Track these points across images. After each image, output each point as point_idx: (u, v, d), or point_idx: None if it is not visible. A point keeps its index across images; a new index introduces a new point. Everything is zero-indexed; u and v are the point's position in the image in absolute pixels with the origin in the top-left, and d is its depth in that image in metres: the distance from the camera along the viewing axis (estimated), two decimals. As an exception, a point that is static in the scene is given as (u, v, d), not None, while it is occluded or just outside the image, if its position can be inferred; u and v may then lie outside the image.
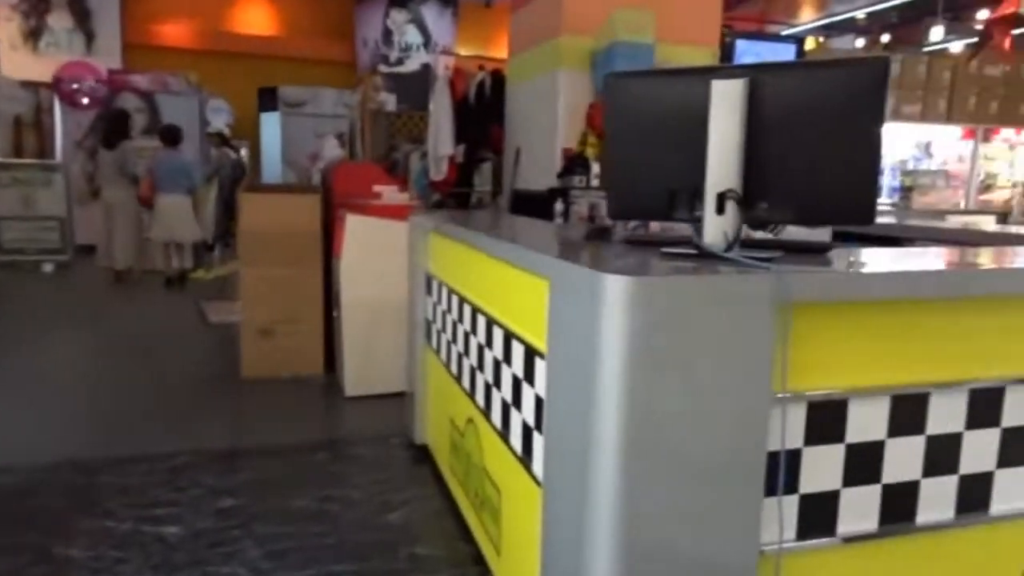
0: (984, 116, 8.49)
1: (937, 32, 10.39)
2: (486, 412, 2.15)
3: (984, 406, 1.52)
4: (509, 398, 1.92)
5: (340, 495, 2.77)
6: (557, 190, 4.24)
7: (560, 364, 1.48)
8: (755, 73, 1.44)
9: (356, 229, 3.93)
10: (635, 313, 1.21)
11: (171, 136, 7.20)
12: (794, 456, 1.40)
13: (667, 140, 1.58)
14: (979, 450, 1.53)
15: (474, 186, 6.06)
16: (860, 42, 12.33)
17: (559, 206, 4.08)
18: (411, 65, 11.47)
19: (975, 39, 8.36)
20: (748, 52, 5.69)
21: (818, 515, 1.44)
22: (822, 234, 3.50)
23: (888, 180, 8.31)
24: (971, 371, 1.50)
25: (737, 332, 1.27)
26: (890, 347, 1.45)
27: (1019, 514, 1.57)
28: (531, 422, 1.75)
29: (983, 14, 8.99)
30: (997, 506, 1.56)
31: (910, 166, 8.26)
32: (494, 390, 2.06)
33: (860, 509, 1.47)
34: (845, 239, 3.59)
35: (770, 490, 1.36)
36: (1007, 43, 7.05)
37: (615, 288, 1.23)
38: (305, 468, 3.04)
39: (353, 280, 3.90)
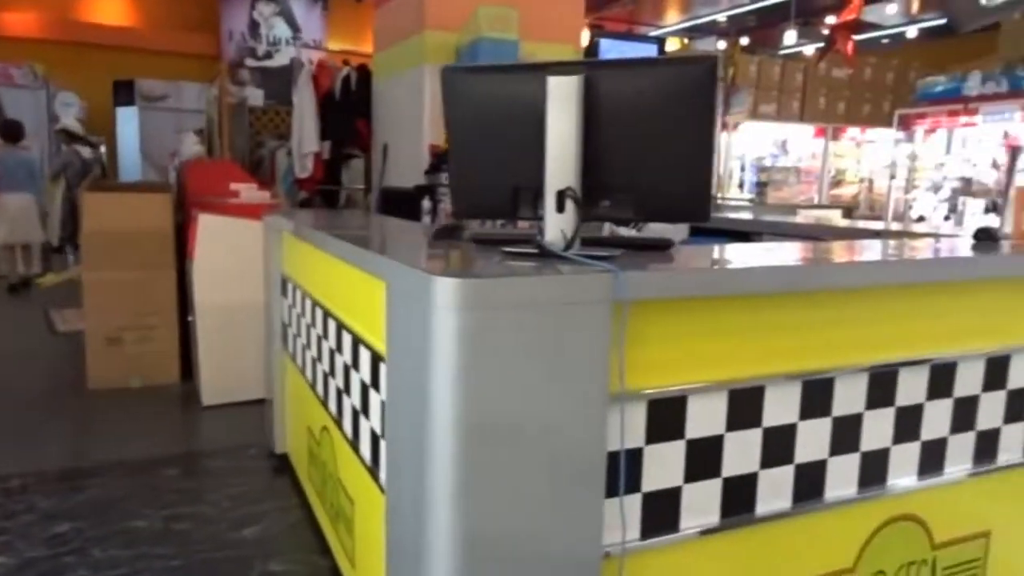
0: (833, 116, 9.13)
1: (790, 36, 11.08)
2: (338, 420, 2.04)
3: (816, 397, 1.56)
4: (358, 405, 1.82)
5: (191, 512, 2.57)
6: (424, 187, 4.14)
7: (398, 369, 1.41)
8: (589, 70, 1.41)
9: (210, 229, 3.69)
10: (465, 315, 1.15)
11: (12, 132, 6.69)
12: (635, 455, 1.39)
13: (508, 137, 1.53)
14: (813, 440, 1.58)
15: (342, 184, 5.85)
16: (722, 44, 12.97)
17: (427, 204, 3.99)
18: (280, 59, 11.02)
19: (823, 43, 8.97)
20: (612, 51, 5.81)
21: (661, 512, 1.44)
22: (680, 230, 3.62)
23: (749, 176, 8.78)
24: (804, 363, 1.55)
25: (572, 332, 1.23)
26: (727, 342, 1.47)
27: (851, 499, 1.64)
28: (378, 430, 1.66)
29: (831, 19, 9.66)
30: (830, 492, 1.62)
31: (768, 163, 8.75)
32: (345, 397, 1.96)
33: (702, 504, 1.48)
34: (701, 235, 3.73)
35: (612, 490, 1.34)
36: (849, 47, 7.62)
37: (444, 290, 1.16)
38: (153, 485, 2.81)
39: (208, 283, 3.65)
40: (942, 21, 10.60)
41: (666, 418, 1.41)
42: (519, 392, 1.21)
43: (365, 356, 1.74)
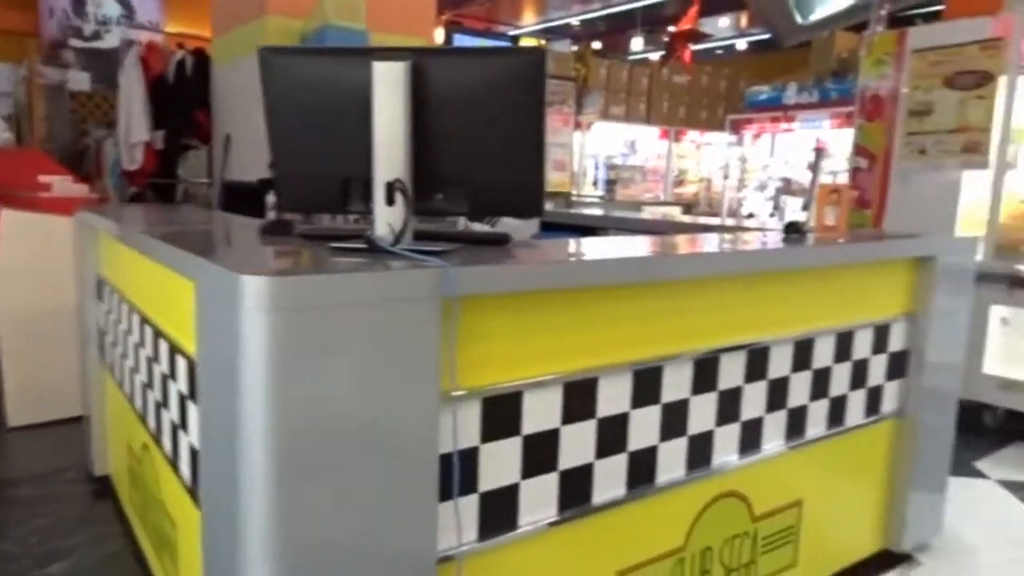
0: (675, 119, 9.68)
1: (637, 43, 11.64)
2: (158, 436, 1.87)
3: (647, 385, 1.61)
4: (177, 418, 1.67)
5: (-13, 552, 2.26)
6: (269, 181, 3.91)
7: (208, 376, 1.29)
8: (418, 57, 1.36)
9: (15, 227, 3.28)
10: (276, 316, 1.07)
11: None
12: (470, 455, 1.36)
13: (335, 126, 1.45)
14: (645, 427, 1.63)
15: (178, 177, 5.43)
16: (576, 47, 13.40)
17: (271, 198, 3.76)
18: (111, 41, 10.06)
19: (665, 51, 9.47)
20: (464, 47, 5.80)
21: (499, 511, 1.42)
22: (531, 225, 3.67)
23: (601, 174, 9.11)
24: (635, 354, 1.59)
25: (399, 331, 1.18)
26: (562, 335, 1.47)
27: (680, 481, 1.71)
28: (197, 444, 1.53)
29: (673, 28, 10.23)
30: (662, 476, 1.68)
31: (618, 161, 9.12)
32: (163, 410, 1.79)
33: (540, 499, 1.48)
34: (552, 230, 3.80)
35: (447, 493, 1.31)
36: (687, 56, 8.11)
37: (253, 289, 1.07)
38: (-60, 525, 2.44)
39: (12, 287, 3.25)
40: (767, 36, 11.53)
41: (502, 415, 1.40)
42: (341, 396, 1.14)
43: (182, 365, 1.59)
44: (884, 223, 4.16)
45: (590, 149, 8.87)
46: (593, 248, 1.76)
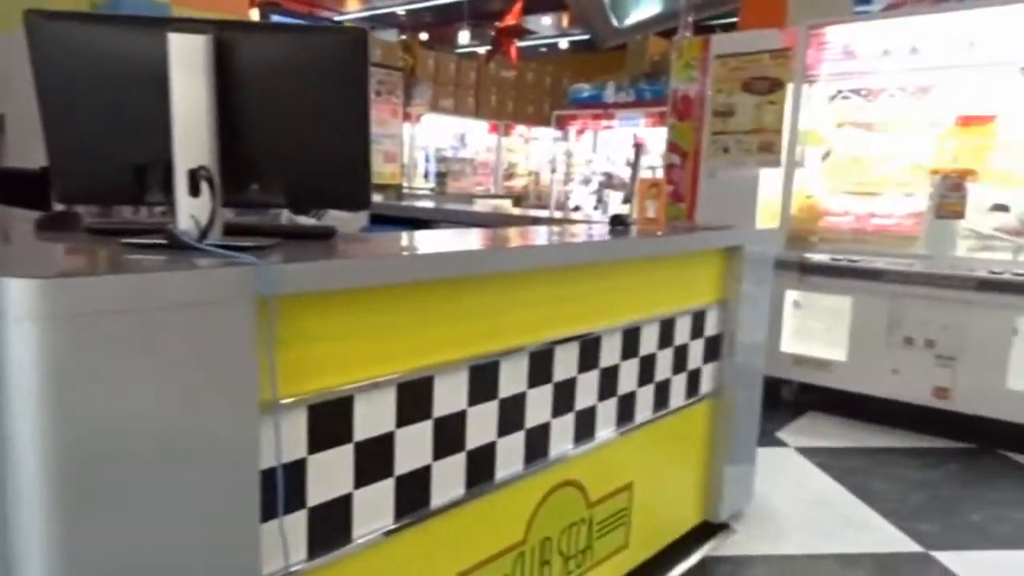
0: (504, 113, 9.83)
1: (464, 36, 11.68)
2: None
3: (483, 381, 1.58)
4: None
5: None
6: (53, 169, 3.43)
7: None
8: (223, 31, 1.22)
9: None
10: (49, 326, 0.90)
11: None
12: (297, 468, 1.25)
13: (126, 105, 1.27)
14: (483, 423, 1.60)
15: (-62, 163, 4.64)
16: (403, 37, 13.20)
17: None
18: None
19: (491, 45, 9.58)
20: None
21: (331, 525, 1.32)
22: (359, 218, 3.53)
23: (432, 167, 9.05)
24: (471, 349, 1.55)
25: (206, 337, 1.04)
26: (393, 334, 1.40)
27: (519, 475, 1.70)
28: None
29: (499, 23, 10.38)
30: (500, 472, 1.65)
31: (449, 154, 9.11)
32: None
33: (376, 508, 1.40)
34: (383, 223, 3.68)
35: (271, 511, 1.19)
36: (513, 51, 8.26)
37: (20, 295, 0.89)
38: None
39: None
40: (588, 36, 12.05)
41: (331, 422, 1.30)
42: (138, 414, 0.99)
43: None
44: (696, 216, 4.47)
45: (420, 141, 8.77)
46: (425, 242, 1.70)
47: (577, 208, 8.18)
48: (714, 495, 2.46)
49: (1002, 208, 3.50)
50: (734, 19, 7.16)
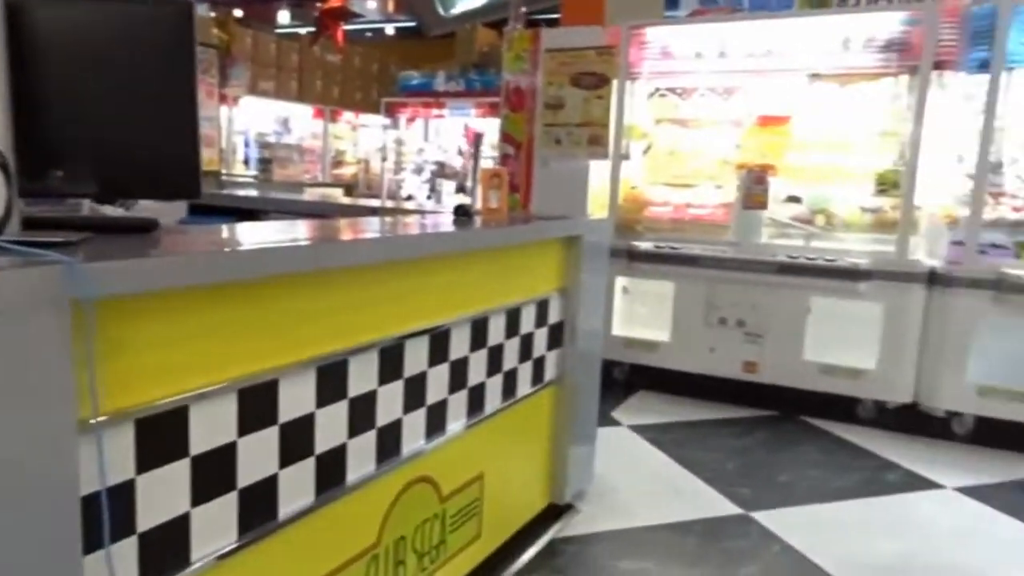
0: (330, 98, 9.48)
1: (284, 16, 11.08)
2: None
3: (331, 381, 1.50)
4: None
5: None
6: None
7: None
8: (14, -10, 1.04)
9: None
10: None
11: None
12: (124, 491, 1.11)
13: None
14: (332, 425, 1.52)
15: None
16: (215, 13, 12.27)
17: None
18: None
19: (315, 27, 9.17)
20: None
21: (165, 550, 1.19)
22: (176, 209, 3.23)
23: (253, 153, 8.53)
24: (317, 348, 1.46)
25: (5, 348, 0.89)
26: (232, 336, 1.28)
27: (371, 476, 1.64)
28: None
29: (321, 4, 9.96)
30: (352, 475, 1.59)
31: (271, 139, 8.64)
32: None
33: (217, 525, 1.28)
34: (203, 214, 3.40)
35: (95, 541, 1.05)
36: (340, 34, 7.96)
37: None
38: None
39: None
40: (414, 23, 11.92)
41: (163, 437, 1.16)
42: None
43: None
44: (531, 206, 4.58)
45: (238, 125, 8.22)
46: (261, 234, 1.58)
47: (410, 197, 8.09)
48: (559, 478, 2.54)
49: (795, 200, 3.93)
50: (557, 15, 7.42)
